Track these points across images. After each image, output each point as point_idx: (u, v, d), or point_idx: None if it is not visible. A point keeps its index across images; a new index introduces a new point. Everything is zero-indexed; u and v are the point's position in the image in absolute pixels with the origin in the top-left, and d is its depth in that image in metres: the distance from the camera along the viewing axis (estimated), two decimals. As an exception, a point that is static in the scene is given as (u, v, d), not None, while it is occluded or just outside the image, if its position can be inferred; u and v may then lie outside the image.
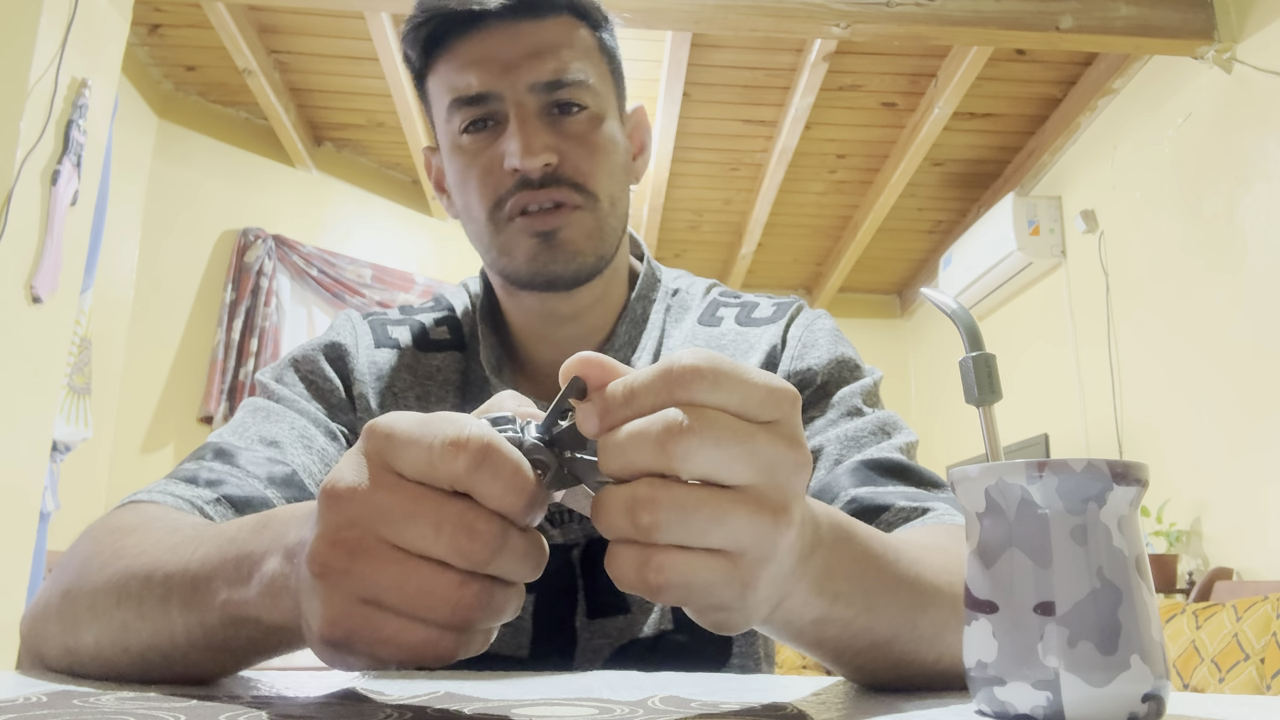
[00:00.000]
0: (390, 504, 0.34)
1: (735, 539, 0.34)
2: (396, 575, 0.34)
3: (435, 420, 0.35)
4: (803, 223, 4.55)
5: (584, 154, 0.73)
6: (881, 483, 0.67)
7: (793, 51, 3.27)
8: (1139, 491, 0.37)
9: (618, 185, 0.76)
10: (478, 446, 0.34)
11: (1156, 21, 2.79)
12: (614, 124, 0.77)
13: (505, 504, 0.34)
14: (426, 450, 0.34)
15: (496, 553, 0.34)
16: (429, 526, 0.34)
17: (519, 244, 0.73)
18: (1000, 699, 0.36)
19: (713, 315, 0.83)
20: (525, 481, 0.35)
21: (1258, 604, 1.49)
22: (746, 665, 0.75)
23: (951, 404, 4.64)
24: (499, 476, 0.34)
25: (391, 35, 3.10)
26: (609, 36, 0.78)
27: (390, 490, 0.34)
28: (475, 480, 0.34)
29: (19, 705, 0.37)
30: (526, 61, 0.71)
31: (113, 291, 3.36)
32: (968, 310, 0.44)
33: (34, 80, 2.07)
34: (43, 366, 2.13)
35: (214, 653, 0.44)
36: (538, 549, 0.37)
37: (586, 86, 0.73)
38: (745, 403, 0.34)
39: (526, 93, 0.72)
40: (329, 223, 4.07)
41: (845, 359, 0.77)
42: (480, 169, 0.73)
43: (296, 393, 0.75)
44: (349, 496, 0.35)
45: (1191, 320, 2.91)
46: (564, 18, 0.74)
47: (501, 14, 0.71)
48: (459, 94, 0.73)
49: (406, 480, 0.35)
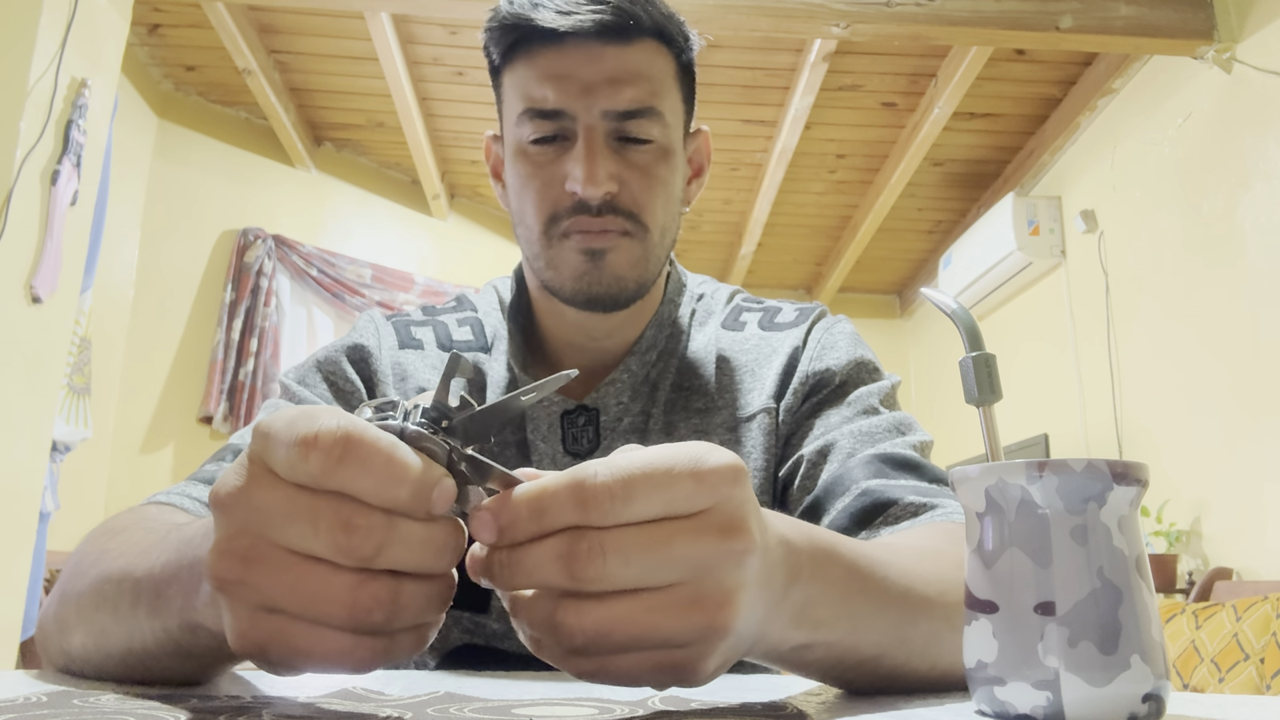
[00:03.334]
0: (270, 506, 0.33)
1: (671, 639, 0.34)
2: (291, 580, 0.33)
3: (301, 416, 0.33)
4: (803, 223, 4.55)
5: (643, 186, 0.74)
6: (894, 476, 0.68)
7: (793, 51, 3.27)
8: (1139, 491, 0.37)
9: (670, 216, 0.77)
10: (331, 442, 0.32)
11: (1156, 21, 2.79)
12: (678, 155, 0.77)
13: (385, 496, 0.33)
14: (286, 449, 0.33)
15: (382, 546, 0.33)
16: (307, 525, 0.33)
17: (568, 261, 0.74)
18: (1000, 699, 0.36)
19: (736, 320, 0.84)
20: (402, 470, 0.33)
21: (1257, 604, 1.49)
22: (746, 665, 0.75)
23: (951, 404, 4.64)
24: (367, 469, 0.32)
25: (392, 35, 3.10)
26: (690, 59, 0.79)
27: (269, 491, 0.33)
28: (338, 477, 0.32)
29: (19, 705, 0.37)
30: (604, 87, 0.72)
31: (113, 291, 3.35)
32: (968, 310, 0.44)
33: (34, 80, 2.07)
34: (42, 366, 2.13)
35: (182, 659, 0.43)
36: (444, 536, 0.35)
37: (658, 119, 0.74)
38: (670, 505, 0.33)
39: (599, 118, 0.72)
40: (329, 223, 4.07)
41: (864, 361, 0.79)
42: (541, 181, 0.74)
43: (318, 394, 0.76)
44: (232, 502, 0.34)
45: (1191, 320, 2.90)
46: (649, 43, 0.74)
47: (588, 35, 0.72)
48: (533, 104, 0.73)
49: (283, 480, 0.33)
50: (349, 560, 0.33)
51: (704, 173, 0.84)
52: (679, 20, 0.76)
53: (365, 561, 0.33)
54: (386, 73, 3.30)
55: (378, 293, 3.98)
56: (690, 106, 0.80)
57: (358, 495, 0.33)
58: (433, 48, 3.33)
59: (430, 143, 3.85)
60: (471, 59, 3.39)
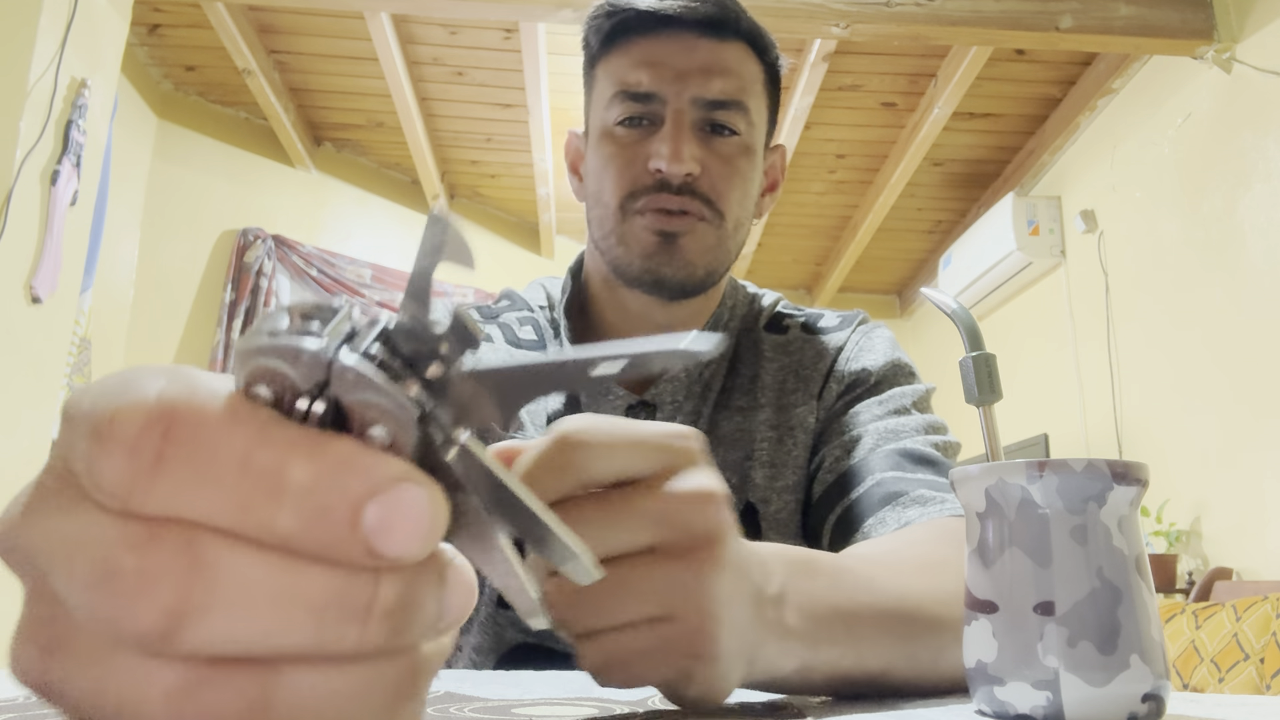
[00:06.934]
0: (65, 552, 0.20)
1: (663, 670, 0.34)
2: (94, 682, 0.20)
3: (113, 386, 0.20)
4: (803, 223, 4.55)
5: (724, 174, 0.74)
6: (910, 470, 0.68)
7: (793, 51, 3.27)
8: (1139, 491, 0.37)
9: (745, 213, 0.78)
10: (139, 428, 0.18)
11: (1156, 21, 2.79)
12: (758, 157, 0.79)
13: (253, 522, 0.19)
14: (84, 446, 0.19)
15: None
16: (110, 585, 0.19)
17: (640, 238, 0.74)
18: (1000, 699, 0.36)
19: (779, 325, 0.85)
20: (294, 464, 0.18)
21: (1257, 604, 1.49)
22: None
23: (951, 404, 4.63)
24: (212, 472, 0.18)
25: (392, 35, 3.10)
26: (778, 73, 0.81)
27: (65, 523, 0.20)
28: (158, 494, 0.18)
29: (19, 705, 0.37)
30: (697, 75, 0.74)
31: (113, 291, 3.35)
32: (968, 310, 0.44)
33: (34, 80, 2.07)
34: (43, 366, 2.13)
35: None
36: (365, 591, 0.19)
37: (744, 114, 0.75)
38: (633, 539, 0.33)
39: (689, 103, 0.74)
40: (329, 223, 4.07)
41: (901, 364, 0.80)
42: (624, 159, 0.75)
43: None
44: (16, 548, 0.21)
45: (1191, 320, 2.91)
46: (742, 45, 0.77)
47: (688, 25, 0.74)
48: (626, 87, 0.75)
49: (90, 502, 0.20)
50: (166, 652, 0.18)
51: (778, 188, 0.86)
52: (769, 34, 0.79)
53: (211, 646, 0.18)
54: (386, 73, 3.30)
55: (378, 293, 3.99)
56: (774, 118, 0.82)
57: (207, 523, 0.19)
58: (433, 48, 3.33)
59: (430, 143, 3.85)
60: (472, 59, 3.39)
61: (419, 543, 0.19)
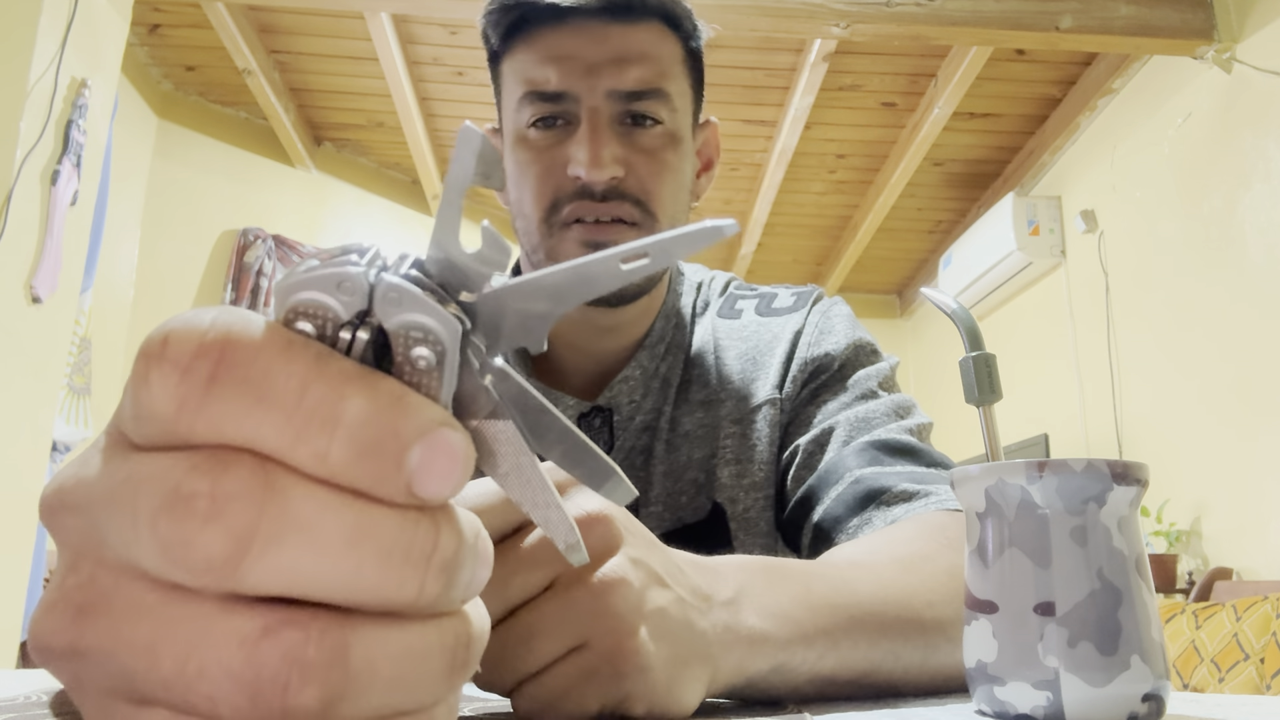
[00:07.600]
0: (115, 497, 0.20)
1: (598, 693, 0.33)
2: (146, 637, 0.19)
3: (172, 322, 0.20)
4: (803, 223, 4.55)
5: (651, 171, 0.69)
6: (888, 463, 0.66)
7: (793, 51, 3.27)
8: (1139, 491, 0.37)
9: (680, 207, 0.73)
10: (193, 350, 0.18)
11: (1156, 21, 2.79)
12: (687, 143, 0.73)
13: (306, 451, 0.18)
14: (132, 385, 0.19)
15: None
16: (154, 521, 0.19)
17: (569, 253, 0.69)
18: (1000, 699, 0.36)
19: (732, 308, 0.81)
20: (347, 391, 0.18)
21: (1257, 604, 1.49)
22: None
23: (951, 404, 4.64)
24: (266, 394, 0.18)
25: (392, 35, 3.10)
26: (698, 46, 0.75)
27: (118, 469, 0.20)
28: (208, 415, 0.18)
29: (19, 705, 0.37)
30: (609, 66, 0.68)
31: (113, 291, 3.35)
32: (968, 310, 0.44)
33: (34, 80, 2.07)
34: (43, 366, 2.13)
35: None
36: (433, 535, 0.20)
37: (666, 100, 0.70)
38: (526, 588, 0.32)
39: (604, 99, 0.68)
40: (329, 223, 4.07)
41: (863, 343, 0.76)
42: (542, 167, 0.70)
43: None
44: (64, 507, 0.22)
45: (1191, 320, 2.90)
46: (655, 24, 0.70)
47: (592, 12, 0.68)
48: (535, 88, 0.69)
49: (138, 448, 0.20)
50: (230, 585, 0.18)
51: (713, 166, 0.80)
52: (685, 5, 0.73)
53: (279, 578, 0.18)
54: (386, 73, 3.29)
55: (378, 293, 3.99)
56: (699, 95, 0.77)
57: (260, 448, 0.18)
58: (433, 48, 3.33)
59: (430, 143, 3.85)
60: (471, 59, 3.39)
61: (451, 487, 0.19)
